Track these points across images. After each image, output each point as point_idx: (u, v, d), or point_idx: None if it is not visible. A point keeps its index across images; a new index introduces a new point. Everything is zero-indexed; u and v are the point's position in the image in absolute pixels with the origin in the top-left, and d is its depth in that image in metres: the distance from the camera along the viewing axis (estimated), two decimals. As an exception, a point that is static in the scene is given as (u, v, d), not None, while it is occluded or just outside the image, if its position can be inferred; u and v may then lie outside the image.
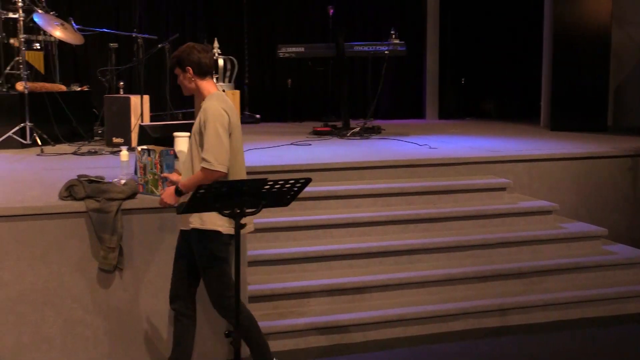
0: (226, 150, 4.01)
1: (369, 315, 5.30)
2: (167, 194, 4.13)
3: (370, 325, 5.27)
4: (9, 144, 7.28)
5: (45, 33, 8.21)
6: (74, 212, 4.62)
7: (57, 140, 7.56)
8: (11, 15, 7.80)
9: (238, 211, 3.76)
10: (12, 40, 8.07)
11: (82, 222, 4.63)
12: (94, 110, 8.74)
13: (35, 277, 4.58)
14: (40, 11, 8.02)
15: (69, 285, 4.63)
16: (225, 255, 4.16)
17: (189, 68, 4.13)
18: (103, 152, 7.18)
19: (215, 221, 4.04)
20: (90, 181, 4.75)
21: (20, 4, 7.63)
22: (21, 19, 7.65)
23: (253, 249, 5.36)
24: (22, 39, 7.69)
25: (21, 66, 7.65)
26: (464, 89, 11.76)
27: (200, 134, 4.03)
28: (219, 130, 3.99)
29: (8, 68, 7.94)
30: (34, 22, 7.99)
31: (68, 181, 4.75)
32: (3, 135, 7.25)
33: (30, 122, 7.34)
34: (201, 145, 4.03)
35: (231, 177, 4.14)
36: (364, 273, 5.57)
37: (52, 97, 7.78)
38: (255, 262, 5.32)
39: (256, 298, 5.18)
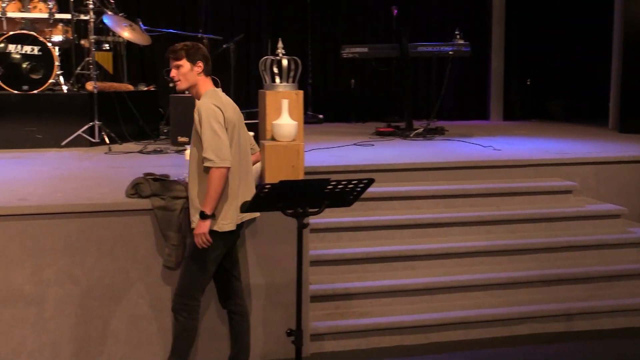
0: (225, 144, 4.04)
1: (431, 317, 5.26)
2: (198, 227, 4.09)
3: (432, 327, 5.24)
4: (78, 142, 7.45)
5: (114, 34, 8.38)
6: (140, 209, 4.71)
7: (124, 139, 7.70)
8: (82, 17, 7.98)
9: (301, 211, 3.77)
10: (82, 42, 8.27)
11: (147, 219, 4.71)
12: (160, 109, 8.88)
13: (103, 273, 4.68)
14: (109, 13, 8.19)
15: (134, 281, 4.72)
16: (212, 256, 4.19)
17: (200, 63, 4.18)
18: (168, 150, 7.28)
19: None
20: (156, 179, 4.82)
21: (91, 6, 7.80)
22: (92, 20, 7.82)
23: (315, 248, 5.37)
24: (92, 40, 7.86)
25: (91, 66, 7.83)
26: (529, 90, 11.57)
27: (197, 130, 4.08)
28: (214, 127, 4.02)
29: (79, 68, 8.13)
30: (104, 24, 8.16)
31: (134, 179, 4.84)
32: (73, 133, 7.43)
33: (99, 121, 7.50)
34: (199, 139, 4.07)
35: (238, 176, 4.18)
36: (426, 275, 5.53)
37: (120, 96, 7.94)
38: (317, 262, 5.33)
39: (318, 298, 5.19)
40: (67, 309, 4.64)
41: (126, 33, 8.16)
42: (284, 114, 5.02)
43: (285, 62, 5.19)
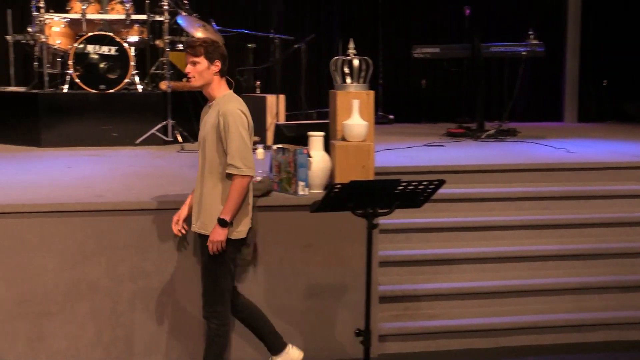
0: (251, 153, 4.00)
1: (501, 321, 5.19)
2: (215, 234, 4.00)
3: (502, 331, 5.17)
4: (152, 141, 7.59)
5: (187, 34, 8.52)
6: (211, 207, 4.77)
7: (196, 138, 7.78)
8: (157, 18, 8.14)
9: (371, 211, 3.77)
10: (157, 42, 8.43)
11: (219, 217, 4.76)
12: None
13: (175, 269, 4.75)
14: (183, 13, 8.33)
15: (205, 278, 4.78)
16: (229, 261, 4.14)
17: (218, 62, 4.08)
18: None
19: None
20: (228, 178, 4.87)
21: (165, 7, 7.95)
22: (166, 21, 7.97)
23: (384, 249, 5.35)
24: (167, 40, 8.01)
25: (165, 66, 7.98)
26: (606, 90, 11.29)
27: (218, 133, 3.99)
28: (243, 133, 3.96)
29: (153, 68, 8.29)
30: (178, 24, 8.31)
31: (206, 178, 4.90)
32: (147, 132, 7.58)
33: (172, 119, 7.63)
34: (220, 143, 3.99)
35: (251, 182, 4.14)
36: (496, 278, 5.46)
37: (192, 96, 8.06)
38: (386, 263, 5.31)
39: (387, 299, 5.18)
40: (140, 304, 4.73)
41: (199, 33, 8.28)
42: (355, 114, 5.02)
43: (356, 62, 5.19)
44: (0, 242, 4.56)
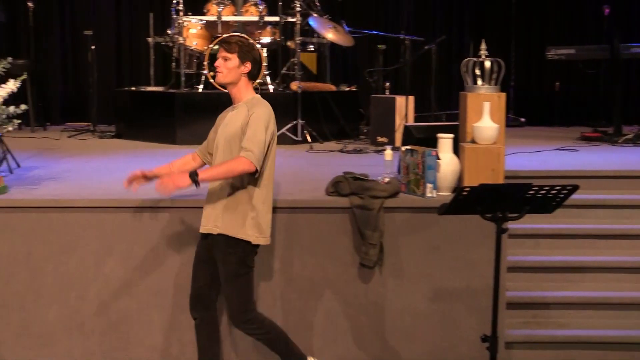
0: (263, 152, 3.91)
1: (637, 334, 4.97)
2: (180, 178, 3.78)
3: (638, 345, 4.95)
4: (282, 140, 7.67)
5: (319, 35, 8.62)
6: (339, 207, 4.81)
7: (325, 138, 7.90)
8: (289, 19, 8.28)
9: (500, 215, 3.70)
10: (289, 43, 8.58)
11: (346, 217, 4.80)
12: (360, 109, 9.02)
13: (302, 267, 4.83)
14: (315, 15, 8.44)
15: (331, 277, 4.83)
16: (252, 265, 4.06)
17: (249, 64, 4.02)
18: (368, 150, 7.39)
19: (246, 231, 3.97)
20: (355, 178, 4.90)
21: (297, 9, 8.08)
22: (298, 22, 8.09)
23: (513, 254, 5.23)
24: (298, 42, 8.13)
25: (296, 67, 8.10)
26: None
27: (243, 133, 3.92)
28: (266, 134, 3.91)
29: (284, 69, 8.44)
30: (309, 26, 8.43)
31: (334, 177, 4.95)
32: (277, 131, 7.70)
33: (302, 119, 7.74)
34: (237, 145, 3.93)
35: (271, 189, 4.08)
36: (633, 289, 5.23)
37: (322, 96, 8.15)
38: (514, 268, 5.19)
39: (514, 305, 5.06)
40: (267, 300, 4.83)
41: (330, 34, 8.37)
42: (485, 116, 4.94)
43: (488, 63, 5.10)
44: (140, 234, 4.76)
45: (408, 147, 5.02)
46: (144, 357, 4.81)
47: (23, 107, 5.02)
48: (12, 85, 4.94)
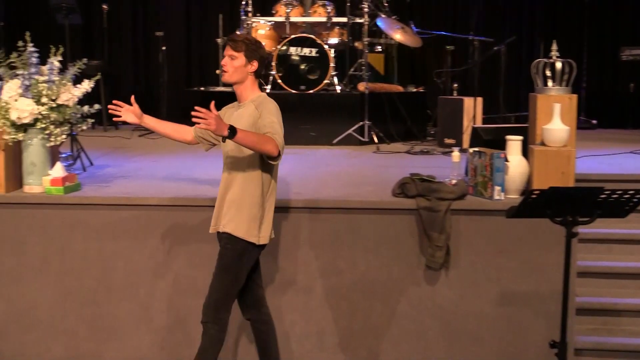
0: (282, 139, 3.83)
1: None
2: (221, 127, 3.63)
3: None
4: (348, 141, 7.74)
5: (386, 36, 8.60)
6: (405, 208, 4.79)
7: (392, 139, 7.88)
8: (357, 20, 8.28)
9: (570, 219, 3.64)
10: (356, 44, 8.59)
11: (412, 219, 4.78)
12: (428, 111, 8.97)
13: (367, 268, 4.82)
14: (383, 16, 8.43)
15: (397, 278, 4.82)
16: (247, 266, 4.00)
17: (256, 62, 3.96)
18: (435, 152, 7.34)
19: (251, 231, 3.92)
20: (422, 180, 4.88)
21: (366, 10, 8.08)
22: (366, 23, 8.09)
23: (583, 259, 5.13)
24: (366, 42, 8.13)
25: (363, 68, 8.10)
26: None
27: (257, 123, 3.87)
28: (280, 123, 3.87)
29: (352, 69, 8.45)
30: (377, 26, 8.42)
31: (401, 179, 4.93)
32: (344, 132, 7.73)
33: (368, 120, 7.74)
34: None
35: (273, 189, 4.01)
36: None
37: (389, 97, 8.12)
38: (585, 274, 5.08)
39: (584, 311, 4.96)
40: (332, 300, 4.84)
41: (398, 35, 8.34)
42: (556, 118, 4.86)
43: (559, 64, 5.01)
44: (206, 233, 4.82)
45: (476, 149, 4.97)
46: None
47: (96, 106, 5.14)
48: (86, 85, 5.06)
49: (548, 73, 5.05)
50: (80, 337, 4.93)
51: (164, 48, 9.01)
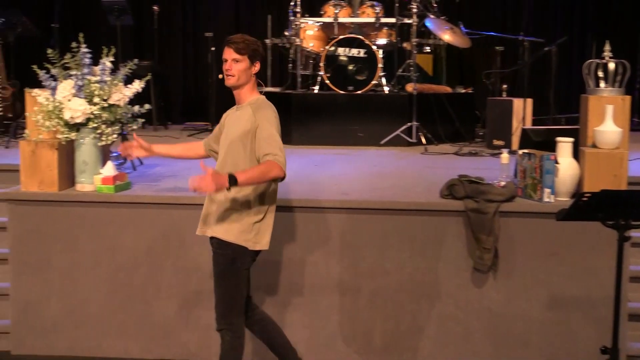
0: (284, 151, 3.78)
1: None
2: (219, 180, 3.55)
3: None
4: (396, 142, 7.71)
5: (435, 37, 8.55)
6: (453, 210, 4.77)
7: (440, 140, 7.83)
8: (406, 21, 8.25)
9: (622, 223, 3.57)
10: (405, 44, 8.55)
11: (460, 220, 4.75)
12: (477, 112, 8.89)
13: (414, 270, 4.81)
14: (432, 16, 8.38)
15: (444, 280, 4.79)
16: (247, 267, 3.93)
17: (258, 64, 3.89)
18: (483, 153, 7.27)
19: (243, 236, 3.84)
20: (470, 181, 4.84)
21: (414, 10, 8.05)
22: (414, 24, 8.06)
23: (636, 264, 5.03)
24: (414, 43, 8.10)
25: (411, 68, 8.07)
26: None
27: (249, 138, 3.80)
28: (278, 133, 3.81)
29: (400, 70, 8.42)
30: (425, 27, 8.37)
31: (449, 180, 4.90)
32: (392, 133, 7.71)
33: (416, 121, 7.70)
34: (251, 148, 3.80)
35: (273, 191, 3.94)
36: None
37: (437, 98, 8.08)
38: (637, 279, 4.99)
39: (637, 317, 4.86)
40: (379, 301, 4.83)
41: (447, 36, 8.29)
42: (608, 120, 4.78)
43: (612, 65, 4.92)
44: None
45: (525, 150, 4.92)
46: (255, 354, 4.90)
47: (147, 106, 5.21)
48: (137, 85, 5.13)
49: (600, 74, 4.97)
50: (129, 334, 5.00)
51: (213, 49, 9.07)
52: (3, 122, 7.98)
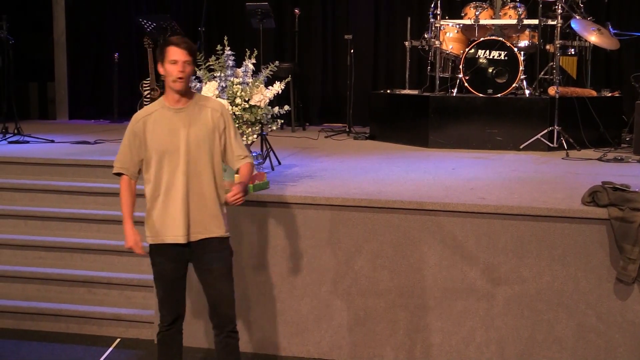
0: None
1: None
2: (245, 188, 3.80)
3: None
4: (536, 146, 7.51)
5: (580, 38, 8.27)
6: (595, 218, 4.60)
7: (582, 145, 7.57)
8: (550, 22, 8.02)
9: None
10: (548, 46, 8.32)
11: (603, 229, 4.57)
12: (623, 116, 8.53)
13: (552, 278, 4.67)
14: (578, 17, 8.10)
15: (584, 290, 4.62)
16: None
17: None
18: (630, 160, 6.96)
19: (225, 227, 3.94)
20: (615, 189, 4.65)
21: (559, 12, 7.81)
22: (559, 25, 7.82)
23: None
24: (558, 45, 7.86)
25: (554, 71, 7.83)
26: None
27: (216, 133, 3.82)
28: None
29: (542, 73, 8.20)
30: (571, 28, 8.10)
31: (592, 187, 4.74)
32: (532, 137, 7.51)
33: (558, 125, 7.48)
34: (215, 144, 3.83)
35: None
36: None
37: (581, 101, 7.80)
38: None
39: None
40: (515, 309, 4.72)
41: (593, 37, 7.99)
42: None
43: None
44: (389, 234, 4.87)
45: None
46: (389, 355, 4.90)
47: (286, 108, 5.31)
48: (277, 87, 5.25)
49: None
50: (265, 331, 5.11)
51: (352, 51, 9.16)
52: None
